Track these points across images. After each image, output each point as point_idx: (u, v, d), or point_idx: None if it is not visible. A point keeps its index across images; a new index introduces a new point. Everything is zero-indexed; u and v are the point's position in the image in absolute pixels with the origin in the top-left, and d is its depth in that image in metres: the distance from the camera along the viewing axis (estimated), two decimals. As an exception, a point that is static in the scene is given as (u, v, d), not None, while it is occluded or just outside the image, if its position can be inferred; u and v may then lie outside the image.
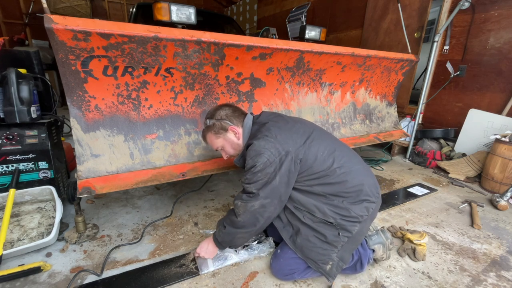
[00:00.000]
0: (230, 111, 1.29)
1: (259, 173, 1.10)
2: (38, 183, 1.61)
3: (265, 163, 1.09)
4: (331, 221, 1.14)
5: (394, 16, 3.46)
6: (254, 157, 1.10)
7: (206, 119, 1.30)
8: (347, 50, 1.92)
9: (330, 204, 1.15)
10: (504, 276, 1.34)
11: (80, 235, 1.51)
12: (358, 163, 1.24)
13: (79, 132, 1.31)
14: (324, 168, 1.15)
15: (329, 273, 1.15)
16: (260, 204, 1.13)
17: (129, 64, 1.31)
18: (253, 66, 1.67)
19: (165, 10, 1.52)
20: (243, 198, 1.16)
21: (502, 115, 2.59)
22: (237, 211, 1.17)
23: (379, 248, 1.31)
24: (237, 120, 1.28)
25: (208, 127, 1.28)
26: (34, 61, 1.62)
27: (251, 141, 1.15)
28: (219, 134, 1.27)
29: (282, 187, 1.13)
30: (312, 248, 1.16)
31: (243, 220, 1.16)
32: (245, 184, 1.16)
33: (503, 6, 2.55)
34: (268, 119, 1.26)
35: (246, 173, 1.15)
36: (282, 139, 1.13)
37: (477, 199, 2.11)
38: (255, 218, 1.16)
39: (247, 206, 1.14)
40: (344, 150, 1.25)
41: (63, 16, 1.08)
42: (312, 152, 1.15)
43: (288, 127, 1.20)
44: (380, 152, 3.29)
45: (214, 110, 1.30)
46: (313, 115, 2.18)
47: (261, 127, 1.21)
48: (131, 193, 2.08)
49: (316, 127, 1.32)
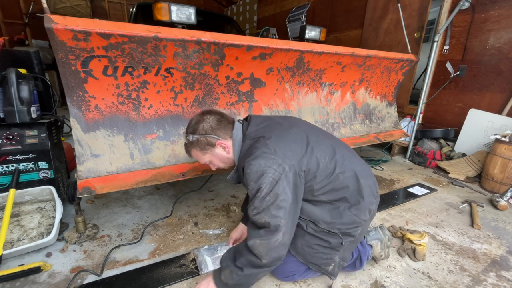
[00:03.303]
0: (215, 122, 1.12)
1: (267, 196, 0.96)
2: (38, 183, 1.61)
3: (271, 183, 0.96)
4: (335, 231, 1.10)
5: (394, 16, 3.46)
6: (256, 180, 0.97)
7: (188, 134, 1.13)
8: (347, 50, 1.92)
9: (335, 212, 1.10)
10: (504, 276, 1.34)
11: (80, 235, 1.51)
12: (358, 164, 1.18)
13: (79, 132, 1.31)
14: (327, 174, 1.08)
15: (332, 272, 1.16)
16: (283, 233, 0.97)
17: (129, 64, 1.31)
18: (253, 66, 1.67)
19: (165, 10, 1.52)
20: (262, 235, 0.98)
21: (502, 115, 2.60)
22: (258, 252, 0.98)
23: (377, 244, 1.31)
24: (224, 132, 1.13)
25: (192, 143, 1.13)
26: (34, 61, 1.62)
27: (248, 161, 1.00)
28: (206, 150, 1.13)
29: (293, 204, 1.01)
30: (315, 254, 1.13)
31: (270, 260, 0.99)
32: (256, 216, 0.99)
33: (503, 6, 2.55)
34: (260, 131, 1.12)
35: (253, 201, 0.99)
36: (281, 152, 1.01)
37: (477, 199, 2.11)
38: (280, 253, 1.00)
39: (270, 243, 0.97)
40: (343, 150, 1.18)
41: (63, 16, 1.08)
42: (314, 161, 1.06)
43: (284, 136, 1.09)
44: (380, 152, 3.29)
45: (196, 123, 1.13)
46: (313, 115, 2.18)
47: (256, 142, 1.07)
48: (131, 193, 2.08)
49: (310, 127, 1.22)
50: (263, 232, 0.98)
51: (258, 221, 0.99)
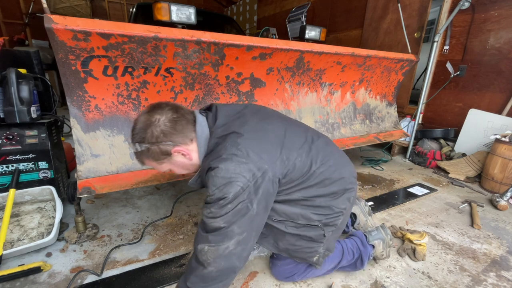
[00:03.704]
0: (169, 124, 0.89)
1: (230, 204, 0.84)
2: (38, 183, 1.61)
3: (237, 192, 0.83)
4: (316, 224, 1.05)
5: (394, 16, 3.46)
6: (222, 187, 0.83)
7: (134, 143, 0.92)
8: (347, 50, 1.92)
9: (313, 206, 1.04)
10: (504, 276, 1.34)
11: (80, 235, 1.51)
12: (334, 153, 1.11)
13: (79, 132, 1.31)
14: (304, 172, 1.00)
15: (316, 262, 1.13)
16: (236, 242, 0.86)
17: (129, 64, 1.31)
18: (253, 66, 1.67)
19: (165, 10, 1.52)
20: (211, 240, 0.86)
21: (502, 115, 2.60)
22: (205, 258, 0.86)
23: (379, 244, 1.31)
24: (183, 135, 0.92)
25: (141, 152, 0.93)
26: (34, 61, 1.62)
27: (214, 164, 0.86)
28: (161, 160, 0.95)
29: (260, 214, 0.90)
30: (298, 249, 1.10)
31: (217, 269, 0.87)
32: (210, 219, 0.86)
33: (503, 6, 2.55)
34: (230, 126, 0.95)
35: (211, 206, 0.86)
36: (255, 155, 0.87)
37: (477, 199, 2.11)
38: (231, 263, 0.88)
39: (219, 250, 0.86)
40: (319, 143, 1.08)
41: (63, 16, 1.08)
42: (290, 161, 0.96)
43: (259, 133, 0.95)
44: (380, 152, 3.29)
45: (143, 128, 0.89)
46: (313, 115, 2.18)
47: (224, 140, 0.91)
48: (131, 193, 2.08)
49: (283, 120, 1.10)
50: (212, 236, 0.86)
51: (211, 224, 0.87)
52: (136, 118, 0.93)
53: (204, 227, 0.90)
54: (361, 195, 2.13)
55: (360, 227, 1.50)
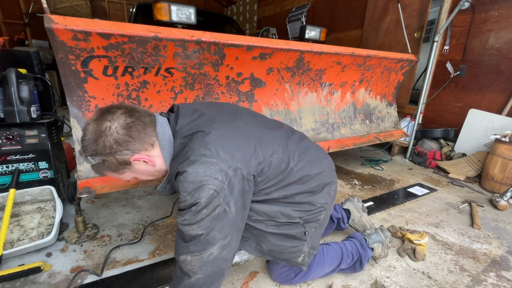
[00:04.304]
0: (122, 131, 0.79)
1: (204, 209, 0.78)
2: (38, 183, 1.61)
3: (211, 196, 0.78)
4: (297, 221, 1.02)
5: (394, 16, 3.46)
6: (193, 193, 0.77)
7: (86, 156, 0.82)
8: (347, 50, 1.92)
9: (293, 203, 1.01)
10: (504, 276, 1.34)
11: (80, 235, 1.51)
12: (310, 148, 1.08)
13: (79, 132, 1.31)
14: (281, 170, 0.95)
15: (302, 263, 1.09)
16: (220, 247, 0.83)
17: (129, 64, 1.31)
18: (253, 66, 1.67)
19: (165, 10, 1.52)
20: (192, 250, 0.81)
21: (502, 115, 2.60)
22: (190, 268, 0.82)
23: (378, 247, 1.31)
24: (141, 141, 0.83)
25: (97, 165, 0.83)
26: (34, 61, 1.62)
27: (182, 168, 0.79)
28: (121, 170, 0.86)
29: (239, 214, 0.86)
30: (282, 250, 1.06)
31: (205, 276, 0.84)
32: (186, 227, 0.81)
33: (503, 6, 2.55)
34: (195, 124, 0.88)
35: (184, 213, 0.80)
36: (227, 154, 0.81)
37: (477, 199, 2.11)
38: (218, 267, 0.86)
39: (202, 257, 0.82)
40: (294, 138, 1.05)
41: (63, 16, 1.08)
42: (266, 158, 0.90)
43: (229, 130, 0.88)
44: (380, 152, 3.29)
45: (93, 139, 0.79)
46: (313, 115, 2.18)
47: (191, 140, 0.85)
48: (131, 193, 2.08)
49: (255, 116, 1.05)
50: (192, 247, 0.81)
51: (188, 232, 0.81)
52: (84, 127, 0.82)
53: (181, 236, 0.84)
54: (361, 195, 2.13)
55: (355, 223, 1.50)
